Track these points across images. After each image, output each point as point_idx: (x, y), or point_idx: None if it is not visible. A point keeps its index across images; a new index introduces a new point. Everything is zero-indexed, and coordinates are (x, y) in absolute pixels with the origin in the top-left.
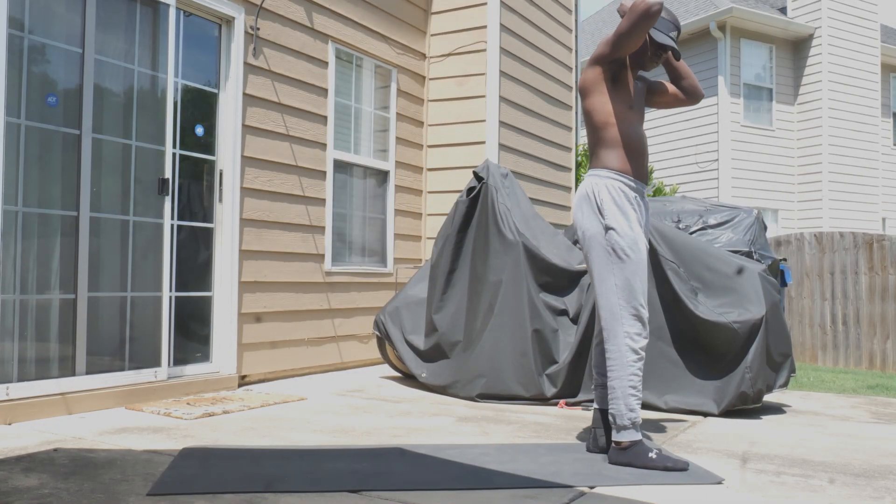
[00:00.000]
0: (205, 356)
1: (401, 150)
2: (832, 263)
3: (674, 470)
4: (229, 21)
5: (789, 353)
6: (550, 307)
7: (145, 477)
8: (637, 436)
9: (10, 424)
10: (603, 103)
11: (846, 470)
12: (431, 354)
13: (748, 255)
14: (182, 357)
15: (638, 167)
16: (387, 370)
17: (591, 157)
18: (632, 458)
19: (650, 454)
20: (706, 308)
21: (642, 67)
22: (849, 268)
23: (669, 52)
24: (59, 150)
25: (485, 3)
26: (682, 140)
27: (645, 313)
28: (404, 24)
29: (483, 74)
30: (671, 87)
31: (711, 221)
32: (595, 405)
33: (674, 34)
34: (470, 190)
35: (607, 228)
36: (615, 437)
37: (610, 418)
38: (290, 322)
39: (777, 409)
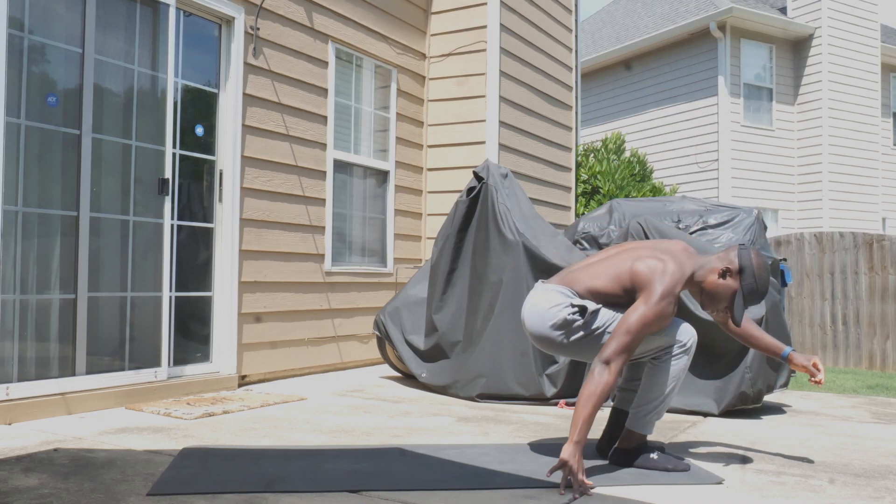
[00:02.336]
0: (205, 356)
1: (401, 150)
2: (832, 263)
3: (674, 470)
4: (229, 21)
5: None
6: None
7: (145, 477)
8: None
9: (10, 424)
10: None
11: (846, 470)
12: (431, 354)
13: None
14: (182, 357)
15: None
16: (387, 370)
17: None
18: (633, 458)
19: (651, 455)
20: None
21: (703, 306)
22: (849, 268)
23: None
24: (59, 150)
25: (485, 3)
26: (682, 140)
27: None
28: (404, 24)
29: (483, 74)
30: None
31: (711, 221)
32: (613, 404)
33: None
34: (470, 190)
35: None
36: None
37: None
38: (290, 322)
39: (777, 409)
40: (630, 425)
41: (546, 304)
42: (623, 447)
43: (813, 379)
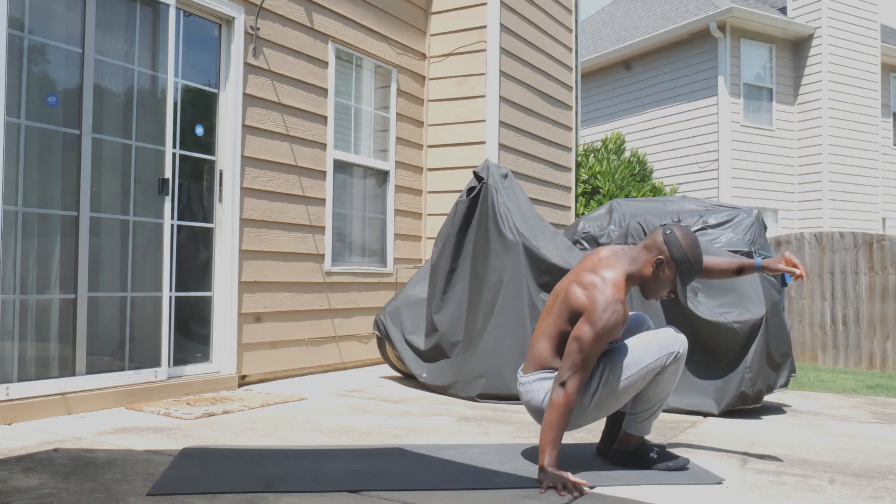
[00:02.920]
0: (205, 356)
1: (401, 150)
2: (832, 263)
3: (674, 469)
4: (229, 21)
5: (789, 353)
6: None
7: (145, 477)
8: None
9: (10, 424)
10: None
11: (846, 470)
12: (431, 354)
13: (748, 255)
14: (182, 357)
15: None
16: (387, 370)
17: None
18: (632, 458)
19: (651, 454)
20: (706, 308)
21: (646, 296)
22: (849, 268)
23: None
24: (59, 150)
25: (485, 3)
26: (682, 140)
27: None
28: (404, 24)
29: (483, 74)
30: None
31: (711, 221)
32: None
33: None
34: (470, 190)
35: None
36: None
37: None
38: (290, 322)
39: (777, 409)
40: (627, 428)
41: (540, 399)
42: (622, 448)
43: (795, 273)
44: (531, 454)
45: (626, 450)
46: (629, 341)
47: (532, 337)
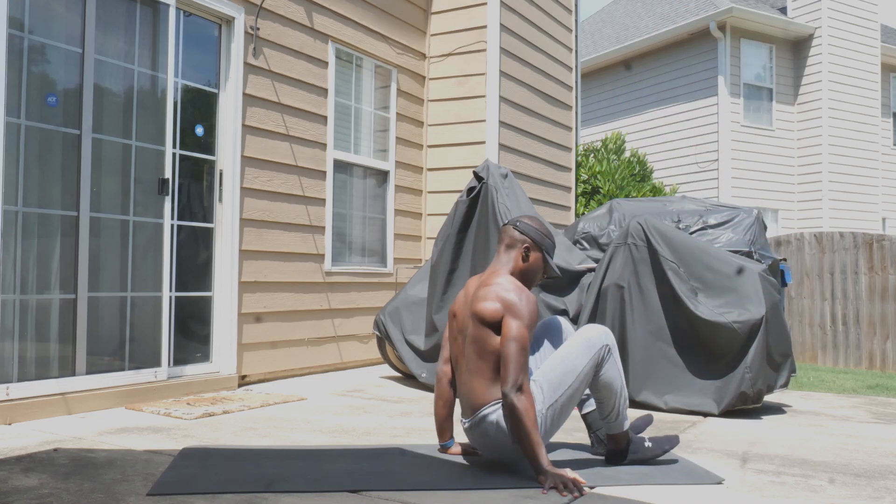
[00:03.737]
0: (205, 356)
1: (401, 150)
2: (832, 263)
3: (670, 449)
4: (229, 21)
5: (789, 353)
6: (550, 307)
7: (145, 477)
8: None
9: (10, 424)
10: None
11: (846, 470)
12: (431, 354)
13: (748, 255)
14: (182, 357)
15: None
16: (387, 370)
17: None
18: (632, 454)
19: (646, 444)
20: (706, 308)
21: (528, 287)
22: (849, 268)
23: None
24: (59, 150)
25: (485, 3)
26: (682, 140)
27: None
28: (404, 24)
29: (483, 74)
30: None
31: (711, 221)
32: (582, 413)
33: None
34: (470, 190)
35: None
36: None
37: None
38: (290, 322)
39: (777, 409)
40: (609, 432)
41: (495, 427)
42: (615, 449)
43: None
44: None
45: (620, 448)
46: (558, 353)
47: (458, 385)
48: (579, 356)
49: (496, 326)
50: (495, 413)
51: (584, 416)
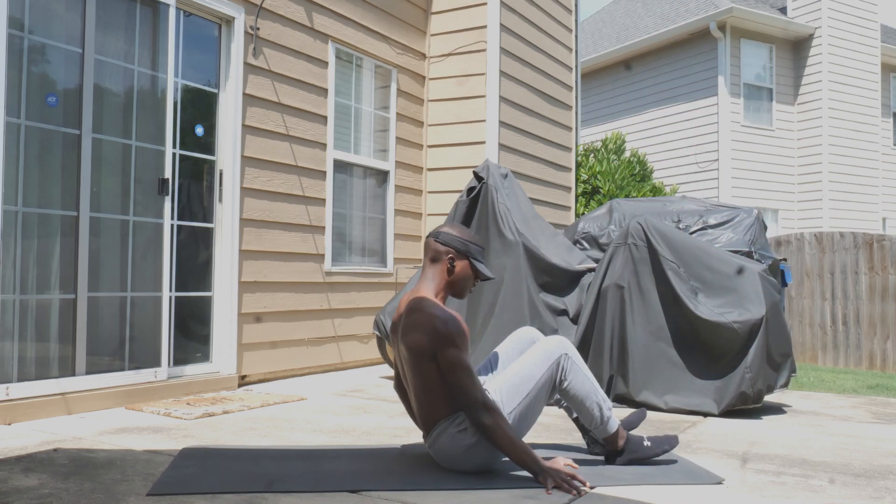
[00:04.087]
0: (205, 356)
1: (401, 150)
2: (832, 263)
3: (670, 450)
4: (229, 21)
5: (789, 353)
6: (550, 307)
7: (145, 477)
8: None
9: (10, 424)
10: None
11: (846, 470)
12: None
13: (748, 255)
14: (182, 357)
15: None
16: (387, 370)
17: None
18: (630, 454)
19: (644, 443)
20: (706, 308)
21: (460, 296)
22: (849, 268)
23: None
24: (59, 150)
25: (485, 3)
26: (682, 140)
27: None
28: (404, 24)
29: (483, 74)
30: None
31: (711, 221)
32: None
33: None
34: (470, 190)
35: None
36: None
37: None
38: (290, 322)
39: (777, 409)
40: (598, 437)
41: (454, 439)
42: (613, 450)
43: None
44: None
45: (618, 449)
46: (516, 363)
47: (416, 407)
48: (536, 364)
49: (429, 355)
50: (448, 429)
51: (574, 421)
